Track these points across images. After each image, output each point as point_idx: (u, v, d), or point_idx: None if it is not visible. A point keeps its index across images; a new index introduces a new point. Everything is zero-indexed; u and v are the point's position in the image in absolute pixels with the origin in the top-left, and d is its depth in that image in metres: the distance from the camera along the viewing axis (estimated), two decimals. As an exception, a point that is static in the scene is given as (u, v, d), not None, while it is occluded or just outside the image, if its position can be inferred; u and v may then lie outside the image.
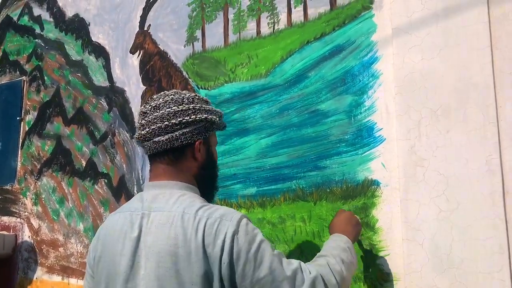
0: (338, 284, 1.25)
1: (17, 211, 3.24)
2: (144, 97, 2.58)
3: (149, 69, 2.58)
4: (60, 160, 3.00)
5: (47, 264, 2.95)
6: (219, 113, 1.41)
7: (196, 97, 1.35)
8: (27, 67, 3.39)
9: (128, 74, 2.70)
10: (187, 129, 1.28)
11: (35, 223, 3.10)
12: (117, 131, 2.68)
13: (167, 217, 1.19)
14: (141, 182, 2.53)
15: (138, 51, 2.65)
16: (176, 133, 1.27)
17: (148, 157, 1.37)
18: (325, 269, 1.27)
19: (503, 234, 1.47)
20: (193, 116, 1.29)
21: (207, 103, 1.38)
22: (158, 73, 2.54)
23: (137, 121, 1.36)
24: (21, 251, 3.14)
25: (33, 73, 3.32)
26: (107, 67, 2.82)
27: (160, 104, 1.29)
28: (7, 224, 3.28)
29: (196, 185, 1.35)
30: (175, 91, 1.34)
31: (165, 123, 1.26)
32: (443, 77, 1.64)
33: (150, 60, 2.59)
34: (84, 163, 2.84)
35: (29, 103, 3.32)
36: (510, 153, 1.50)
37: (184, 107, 1.28)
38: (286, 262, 1.20)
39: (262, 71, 2.14)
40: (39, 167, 3.14)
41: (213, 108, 1.38)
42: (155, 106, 1.29)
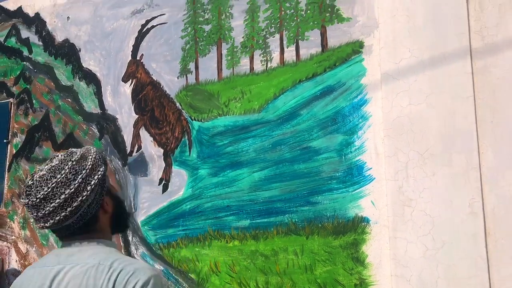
0: None
1: (4, 234, 3.22)
2: (136, 126, 2.63)
3: (142, 98, 2.62)
4: (49, 185, 3.00)
5: (35, 289, 2.95)
6: (98, 157, 1.32)
7: (74, 165, 1.25)
8: (15, 89, 3.38)
9: (120, 102, 2.74)
10: (89, 201, 1.25)
11: (23, 247, 3.09)
12: (108, 158, 2.71)
13: (82, 269, 1.20)
14: (133, 210, 2.56)
15: (130, 80, 2.69)
16: (80, 211, 1.23)
17: (60, 238, 1.32)
18: None
19: (485, 273, 1.58)
20: (88, 188, 1.24)
21: (83, 160, 1.28)
22: (151, 103, 2.59)
23: (29, 213, 1.25)
24: (7, 276, 3.12)
25: (21, 95, 3.31)
26: (98, 94, 2.85)
27: (48, 194, 1.21)
28: (-7, 247, 3.26)
29: (110, 236, 1.35)
30: (51, 168, 1.24)
31: (68, 209, 1.21)
32: (429, 122, 1.75)
33: (142, 89, 2.63)
34: (74, 189, 2.85)
35: (16, 126, 3.31)
36: (491, 197, 1.62)
37: (73, 186, 1.22)
38: None
39: (255, 106, 2.22)
40: (27, 191, 3.13)
41: (91, 158, 1.29)
42: (43, 198, 1.21)
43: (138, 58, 2.68)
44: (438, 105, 1.74)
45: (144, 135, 2.60)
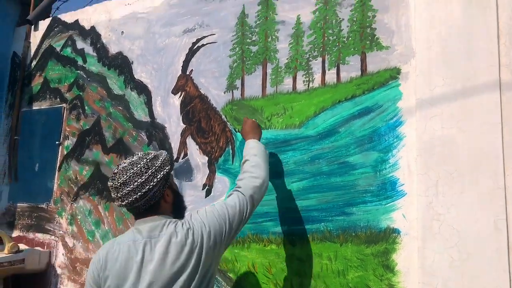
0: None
1: (52, 229, 3.48)
2: (183, 135, 2.86)
3: (190, 109, 2.86)
4: (97, 185, 3.26)
5: (80, 281, 3.19)
6: (167, 159, 1.79)
7: (148, 162, 1.71)
8: (68, 95, 3.66)
9: (169, 112, 2.98)
10: (155, 190, 1.69)
11: (70, 241, 3.34)
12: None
13: (165, 236, 1.66)
14: (177, 212, 2.78)
15: (179, 93, 2.93)
16: (147, 197, 1.68)
17: (134, 215, 1.76)
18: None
19: (507, 284, 1.74)
20: (154, 180, 1.69)
21: (156, 159, 1.74)
22: (198, 114, 2.82)
23: (111, 193, 1.71)
24: (54, 267, 3.38)
25: (74, 101, 3.60)
26: (149, 103, 3.10)
27: (126, 180, 1.66)
28: (41, 240, 3.52)
29: (171, 215, 1.80)
30: (131, 162, 1.71)
31: (138, 194, 1.66)
32: (459, 145, 1.93)
33: (191, 101, 2.87)
34: (121, 190, 3.09)
35: (68, 129, 3.59)
36: (514, 216, 1.78)
37: (144, 177, 1.67)
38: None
39: (296, 122, 2.42)
40: (76, 189, 3.40)
41: (161, 159, 1.76)
42: (123, 182, 1.66)
43: (187, 73, 2.92)
44: (468, 130, 1.92)
45: (190, 143, 2.83)
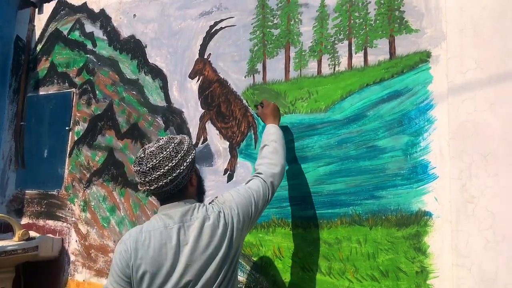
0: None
1: (64, 216, 3.44)
2: (202, 120, 2.83)
3: (209, 94, 2.82)
4: (112, 171, 3.22)
5: (95, 267, 3.16)
6: (191, 144, 1.82)
7: (176, 146, 1.72)
8: (77, 80, 3.59)
9: (186, 97, 2.94)
10: (183, 174, 1.72)
11: (83, 228, 3.30)
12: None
13: (198, 219, 1.72)
14: (197, 197, 2.76)
15: (197, 77, 2.89)
16: (176, 181, 1.70)
17: (159, 200, 1.80)
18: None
19: (543, 265, 1.77)
20: (184, 164, 1.72)
21: (182, 144, 1.76)
22: (217, 99, 2.79)
23: (138, 177, 1.71)
24: (67, 254, 3.34)
25: (84, 86, 3.53)
26: (164, 88, 3.05)
27: (156, 164, 1.67)
28: (52, 227, 3.48)
29: (196, 198, 1.86)
30: (159, 146, 1.71)
31: (168, 178, 1.67)
32: (493, 128, 1.93)
33: (209, 86, 2.83)
34: (136, 176, 3.06)
35: (78, 115, 3.52)
36: (550, 197, 1.80)
37: (174, 161, 1.68)
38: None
39: (321, 106, 2.41)
40: (88, 176, 3.35)
41: (187, 143, 1.78)
42: (152, 167, 1.67)
43: (205, 57, 2.88)
44: (501, 113, 1.92)
45: (209, 128, 2.80)
